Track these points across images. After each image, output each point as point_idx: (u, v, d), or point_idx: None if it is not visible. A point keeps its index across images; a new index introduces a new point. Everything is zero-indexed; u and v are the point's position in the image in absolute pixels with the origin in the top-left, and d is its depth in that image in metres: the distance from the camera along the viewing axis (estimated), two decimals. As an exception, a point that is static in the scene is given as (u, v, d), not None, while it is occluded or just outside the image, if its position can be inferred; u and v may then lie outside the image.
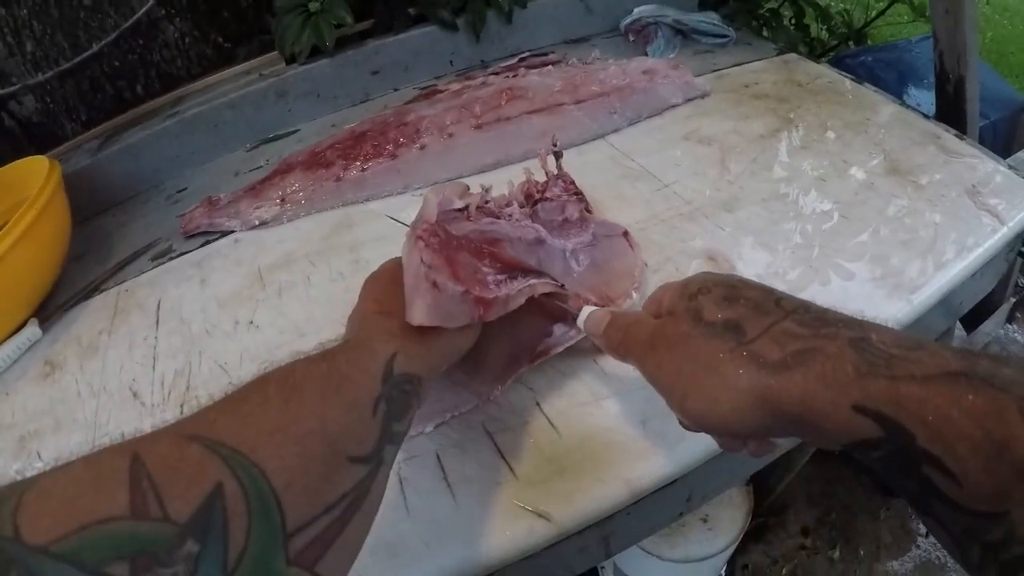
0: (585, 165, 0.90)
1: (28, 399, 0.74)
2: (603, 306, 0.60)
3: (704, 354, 0.38)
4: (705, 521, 1.09)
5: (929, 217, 0.74)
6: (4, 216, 0.82)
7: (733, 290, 0.40)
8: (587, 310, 0.55)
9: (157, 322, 0.80)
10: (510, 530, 0.52)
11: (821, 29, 1.69)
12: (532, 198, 0.72)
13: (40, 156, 0.90)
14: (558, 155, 0.77)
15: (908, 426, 0.29)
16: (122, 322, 0.81)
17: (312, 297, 0.78)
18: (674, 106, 1.00)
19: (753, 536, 1.40)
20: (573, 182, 0.76)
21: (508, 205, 0.67)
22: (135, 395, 0.70)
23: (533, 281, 0.56)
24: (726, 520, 1.10)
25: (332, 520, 0.33)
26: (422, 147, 0.95)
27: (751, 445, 0.43)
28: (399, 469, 0.57)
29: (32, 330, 0.80)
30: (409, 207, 0.90)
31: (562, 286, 0.59)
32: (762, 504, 1.36)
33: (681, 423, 0.44)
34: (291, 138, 1.14)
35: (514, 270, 0.56)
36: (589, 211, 0.75)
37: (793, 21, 1.49)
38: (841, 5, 1.94)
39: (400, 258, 0.53)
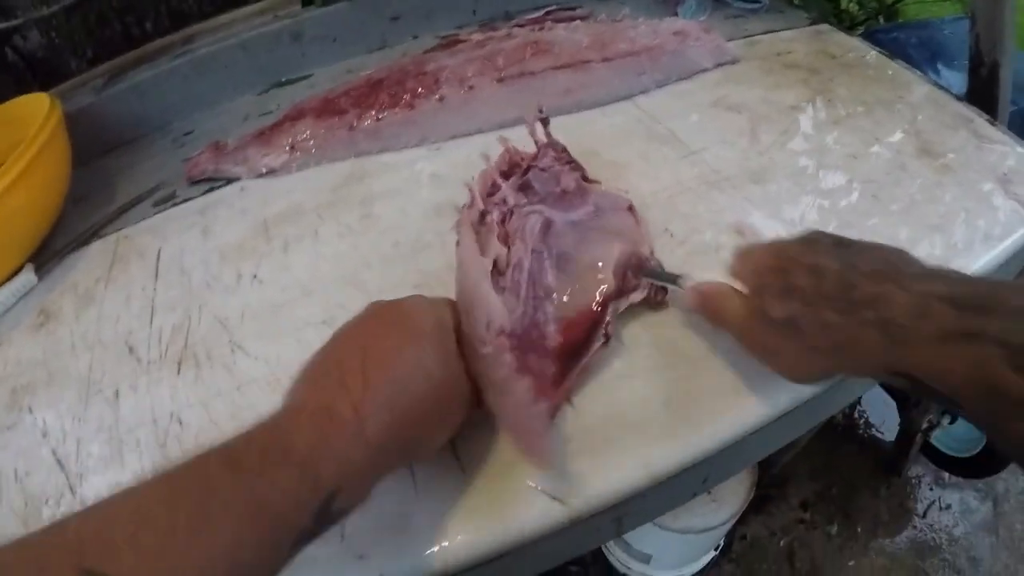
0: (611, 126, 0.86)
1: (21, 350, 0.71)
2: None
3: (779, 347, 0.49)
4: (709, 493, 1.08)
5: (958, 203, 0.71)
6: (2, 156, 0.79)
7: (788, 280, 0.47)
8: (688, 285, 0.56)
9: (156, 273, 0.77)
10: (522, 512, 0.50)
11: (850, 1, 1.65)
12: (518, 166, 0.67)
13: (41, 93, 0.86)
14: (545, 121, 0.71)
15: (923, 379, 0.40)
16: (120, 271, 0.78)
17: (319, 253, 0.75)
18: (704, 70, 0.96)
19: (753, 507, 1.40)
20: (565, 149, 0.71)
21: (495, 190, 0.64)
22: (131, 349, 0.68)
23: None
24: (729, 493, 1.10)
25: None
26: (441, 99, 0.91)
27: None
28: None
29: (28, 276, 0.78)
30: (424, 160, 0.87)
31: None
32: (765, 476, 1.36)
33: None
34: (304, 83, 1.11)
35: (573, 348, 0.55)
36: (587, 179, 0.70)
37: (824, -10, 1.44)
38: (871, -23, 1.89)
39: (402, 305, 0.49)
